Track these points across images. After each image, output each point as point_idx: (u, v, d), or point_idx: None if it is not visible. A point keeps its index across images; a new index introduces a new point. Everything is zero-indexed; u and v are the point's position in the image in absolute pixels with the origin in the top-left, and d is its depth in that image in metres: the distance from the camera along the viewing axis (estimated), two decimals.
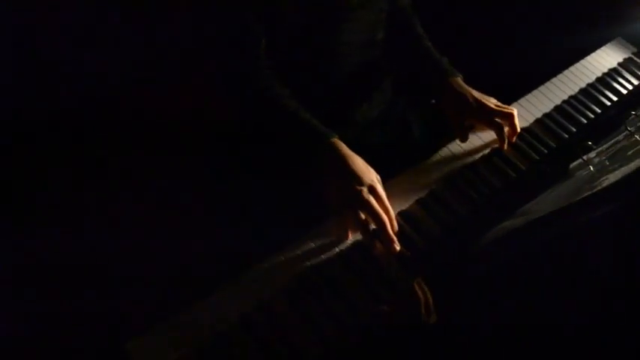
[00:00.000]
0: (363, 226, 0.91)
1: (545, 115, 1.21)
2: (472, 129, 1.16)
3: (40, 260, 1.52)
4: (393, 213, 0.94)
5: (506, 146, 1.11)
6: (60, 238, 1.56)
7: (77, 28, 1.78)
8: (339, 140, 1.01)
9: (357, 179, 0.94)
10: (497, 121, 1.10)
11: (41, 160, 1.77)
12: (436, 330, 0.85)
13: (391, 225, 0.92)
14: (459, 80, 1.18)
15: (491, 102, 1.13)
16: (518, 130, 1.11)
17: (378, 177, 0.99)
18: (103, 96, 1.83)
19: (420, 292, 0.88)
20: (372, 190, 0.94)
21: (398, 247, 0.90)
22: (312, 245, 0.95)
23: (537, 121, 1.20)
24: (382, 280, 0.91)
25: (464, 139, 1.13)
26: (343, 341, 0.84)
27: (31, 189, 1.73)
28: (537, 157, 1.11)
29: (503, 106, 1.14)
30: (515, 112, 1.10)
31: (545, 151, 1.12)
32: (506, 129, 1.10)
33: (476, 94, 1.15)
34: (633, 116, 0.99)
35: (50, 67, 1.77)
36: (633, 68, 1.34)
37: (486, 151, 1.13)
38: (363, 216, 0.92)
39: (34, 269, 1.51)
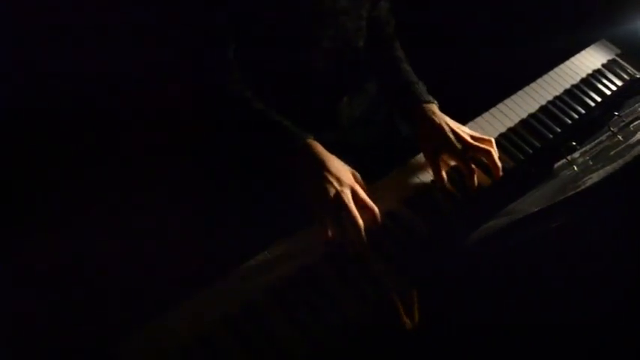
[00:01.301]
0: (341, 229, 0.90)
1: (531, 115, 1.22)
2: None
3: (28, 261, 1.51)
4: (377, 211, 0.93)
5: (474, 187, 1.03)
6: (46, 240, 1.55)
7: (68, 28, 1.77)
8: (314, 141, 0.99)
9: (336, 180, 0.93)
10: (471, 165, 1.02)
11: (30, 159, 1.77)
12: (422, 330, 0.86)
13: (376, 223, 0.92)
14: (434, 107, 1.12)
15: (467, 133, 1.06)
16: (500, 166, 1.04)
17: (358, 176, 0.98)
18: (88, 97, 1.82)
19: (403, 300, 0.88)
20: (353, 191, 0.93)
21: (367, 254, 0.91)
22: (299, 245, 0.96)
23: (522, 121, 1.21)
24: (369, 280, 0.91)
25: (441, 181, 1.04)
26: (330, 342, 0.84)
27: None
28: (522, 157, 1.12)
29: (481, 138, 1.07)
30: (494, 150, 1.04)
31: (530, 151, 1.13)
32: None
33: (452, 124, 1.08)
34: (616, 117, 1.00)
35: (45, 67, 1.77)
36: (617, 70, 1.36)
37: None
38: (343, 219, 0.90)
39: (21, 271, 1.50)
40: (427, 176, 1.08)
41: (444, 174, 1.04)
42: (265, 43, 1.08)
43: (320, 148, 0.98)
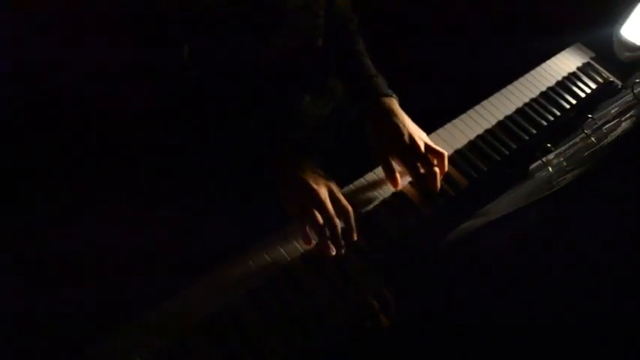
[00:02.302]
0: (319, 228, 0.91)
1: (507, 117, 1.23)
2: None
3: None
4: (351, 210, 0.93)
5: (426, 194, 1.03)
6: (11, 239, 1.53)
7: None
8: (287, 147, 1.00)
9: (312, 179, 0.94)
10: (419, 172, 1.01)
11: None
12: (400, 330, 0.86)
13: (349, 226, 0.92)
14: (393, 102, 1.08)
15: (423, 140, 1.04)
16: (445, 170, 1.03)
17: (331, 180, 0.99)
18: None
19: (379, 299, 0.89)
20: (330, 190, 0.94)
21: (343, 251, 0.91)
22: (277, 247, 0.95)
23: (499, 123, 1.22)
24: (347, 281, 0.91)
25: (394, 182, 1.02)
26: (308, 343, 0.84)
27: None
28: (499, 158, 1.13)
29: (435, 150, 1.04)
30: (446, 156, 1.03)
31: (507, 152, 1.14)
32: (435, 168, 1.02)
33: (410, 126, 1.05)
34: (590, 119, 1.01)
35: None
36: (591, 73, 1.38)
37: (450, 152, 1.14)
38: (320, 218, 0.91)
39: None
40: (404, 177, 1.08)
41: (396, 177, 1.02)
42: (218, 43, 1.06)
43: (293, 153, 0.99)
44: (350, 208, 0.93)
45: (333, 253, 0.91)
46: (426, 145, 1.04)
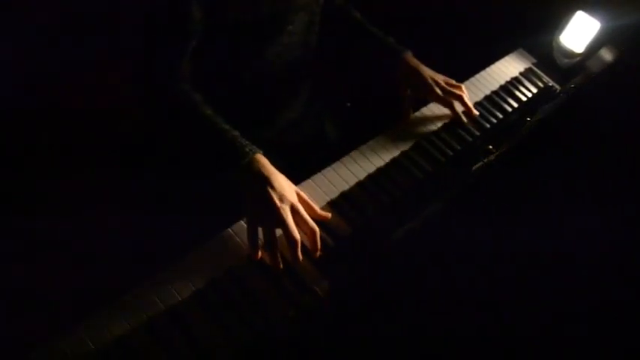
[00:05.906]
0: (272, 242, 0.91)
1: (453, 120, 1.26)
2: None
3: None
4: (317, 232, 0.93)
5: (464, 117, 1.24)
6: None
7: None
8: (262, 156, 0.99)
9: (278, 196, 0.93)
10: (448, 99, 1.21)
11: None
12: (345, 331, 0.86)
13: (314, 245, 0.93)
14: (411, 55, 1.25)
15: (441, 79, 1.24)
16: (470, 104, 1.24)
17: (303, 195, 0.98)
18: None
19: None
20: (294, 209, 0.93)
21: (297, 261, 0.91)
22: (223, 248, 0.94)
23: (445, 125, 1.24)
24: (295, 283, 0.91)
25: (407, 117, 1.24)
26: (252, 345, 0.83)
27: None
28: (443, 159, 1.15)
29: (452, 84, 1.25)
30: (464, 93, 1.24)
31: (451, 153, 1.17)
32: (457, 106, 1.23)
33: (427, 70, 1.24)
34: (529, 122, 1.05)
35: None
36: (533, 78, 1.43)
37: (396, 154, 1.16)
38: (276, 232, 0.91)
39: None
40: (352, 178, 1.09)
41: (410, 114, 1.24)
42: (229, 40, 1.06)
43: (266, 163, 0.97)
44: (316, 229, 0.93)
45: (280, 267, 0.91)
46: (445, 82, 1.25)
